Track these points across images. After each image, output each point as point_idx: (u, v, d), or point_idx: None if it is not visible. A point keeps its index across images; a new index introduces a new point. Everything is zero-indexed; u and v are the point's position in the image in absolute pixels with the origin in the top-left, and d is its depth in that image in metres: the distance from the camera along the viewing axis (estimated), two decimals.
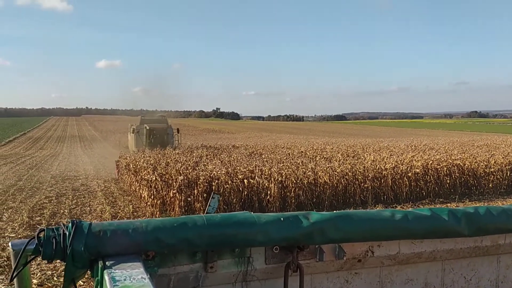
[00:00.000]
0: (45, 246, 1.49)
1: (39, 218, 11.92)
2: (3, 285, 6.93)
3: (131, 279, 1.32)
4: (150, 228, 1.59)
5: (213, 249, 1.71)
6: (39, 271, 7.37)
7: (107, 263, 1.47)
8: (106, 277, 1.37)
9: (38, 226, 10.90)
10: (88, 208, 13.39)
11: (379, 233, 1.89)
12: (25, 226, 10.80)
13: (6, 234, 9.98)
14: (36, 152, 41.97)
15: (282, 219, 1.76)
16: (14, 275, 1.50)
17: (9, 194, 15.90)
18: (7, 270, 7.51)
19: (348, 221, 1.83)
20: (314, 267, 1.91)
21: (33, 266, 7.42)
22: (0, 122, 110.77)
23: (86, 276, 1.71)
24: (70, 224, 1.54)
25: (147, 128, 25.72)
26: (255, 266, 1.80)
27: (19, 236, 9.76)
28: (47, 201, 14.45)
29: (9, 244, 1.54)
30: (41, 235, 1.53)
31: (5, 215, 12.21)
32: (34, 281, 6.90)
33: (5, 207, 13.41)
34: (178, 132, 27.16)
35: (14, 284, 1.61)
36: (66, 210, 12.94)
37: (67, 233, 1.51)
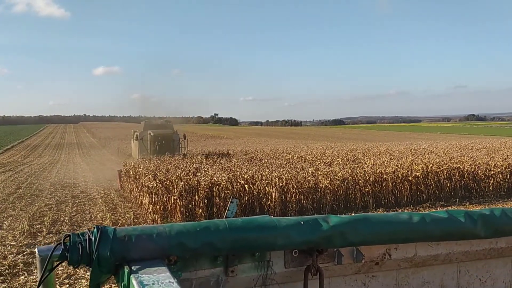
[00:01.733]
0: (71, 252, 1.50)
1: (39, 226, 11.87)
2: None
3: (159, 283, 1.33)
4: (174, 233, 1.61)
5: (234, 253, 1.71)
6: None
7: (133, 267, 1.47)
8: (133, 282, 1.37)
9: (39, 233, 10.86)
10: (89, 215, 13.34)
11: (396, 235, 1.89)
12: (25, 234, 10.75)
13: (7, 242, 9.93)
14: (35, 160, 41.91)
15: (302, 222, 1.77)
16: (41, 280, 1.50)
17: (9, 202, 15.85)
18: (9, 278, 7.47)
19: (366, 224, 1.84)
20: (332, 270, 1.91)
21: (33, 275, 7.39)
22: None
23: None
24: (95, 230, 1.55)
25: (151, 134, 23.75)
26: (274, 270, 1.81)
27: (20, 244, 9.71)
28: (47, 209, 14.40)
29: (36, 250, 1.56)
30: (67, 240, 1.53)
31: (5, 223, 12.17)
32: None
33: (5, 215, 13.37)
34: (184, 138, 25.34)
35: None
36: (66, 218, 12.90)
37: (93, 239, 1.52)
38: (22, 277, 7.51)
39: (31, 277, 7.46)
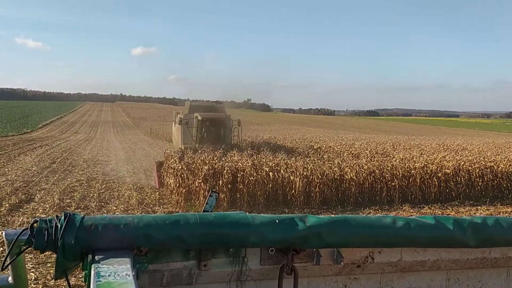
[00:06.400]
0: (37, 237, 1.52)
1: (69, 200, 12.32)
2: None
3: (115, 276, 1.33)
4: (142, 224, 1.60)
5: (206, 247, 1.70)
6: None
7: (96, 257, 1.48)
8: (92, 272, 1.38)
9: (68, 208, 11.29)
10: (117, 193, 13.73)
11: (379, 239, 1.85)
12: (55, 207, 11.20)
13: (37, 215, 10.37)
14: (71, 136, 43.27)
15: (277, 221, 1.74)
16: (6, 264, 1.55)
17: (43, 175, 16.50)
18: (34, 252, 7.80)
19: (346, 226, 1.80)
20: (312, 271, 1.88)
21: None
22: (39, 105, 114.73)
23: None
24: (62, 217, 1.56)
25: (199, 118, 18.97)
26: (249, 267, 1.79)
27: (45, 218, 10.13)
28: (78, 185, 14.91)
29: (3, 233, 1.58)
30: (35, 226, 1.55)
31: (37, 196, 12.69)
32: None
33: (38, 188, 13.93)
34: (239, 125, 19.95)
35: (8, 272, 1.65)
36: (95, 194, 13.32)
37: (59, 226, 1.53)
38: None
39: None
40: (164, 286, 1.73)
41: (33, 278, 6.71)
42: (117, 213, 11.12)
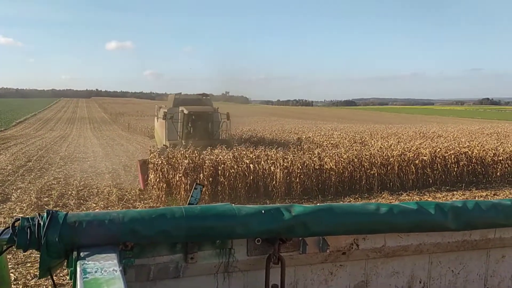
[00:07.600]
0: (19, 236, 1.50)
1: (47, 199, 12.10)
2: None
3: (102, 272, 1.32)
4: (127, 220, 1.60)
5: (192, 240, 1.71)
6: None
7: (81, 254, 1.47)
8: (78, 269, 1.37)
9: (46, 206, 11.08)
10: (96, 190, 13.54)
11: (363, 226, 1.88)
12: (33, 206, 10.98)
13: (14, 214, 10.16)
14: (46, 133, 42.29)
15: (263, 211, 1.76)
16: None
17: (19, 174, 16.12)
18: (14, 250, 7.65)
19: (331, 214, 1.82)
20: (298, 259, 1.91)
21: None
22: (11, 103, 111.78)
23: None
24: (45, 214, 1.54)
25: (185, 112, 17.68)
26: (236, 258, 1.81)
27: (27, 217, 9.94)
28: (55, 182, 14.64)
29: None
30: (17, 224, 1.53)
31: (14, 195, 12.41)
32: None
33: (14, 188, 13.62)
34: (228, 119, 18.59)
35: None
36: (73, 192, 13.11)
37: (42, 223, 1.51)
38: None
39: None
40: (151, 280, 1.73)
41: (13, 279, 6.59)
42: (97, 210, 10.98)
